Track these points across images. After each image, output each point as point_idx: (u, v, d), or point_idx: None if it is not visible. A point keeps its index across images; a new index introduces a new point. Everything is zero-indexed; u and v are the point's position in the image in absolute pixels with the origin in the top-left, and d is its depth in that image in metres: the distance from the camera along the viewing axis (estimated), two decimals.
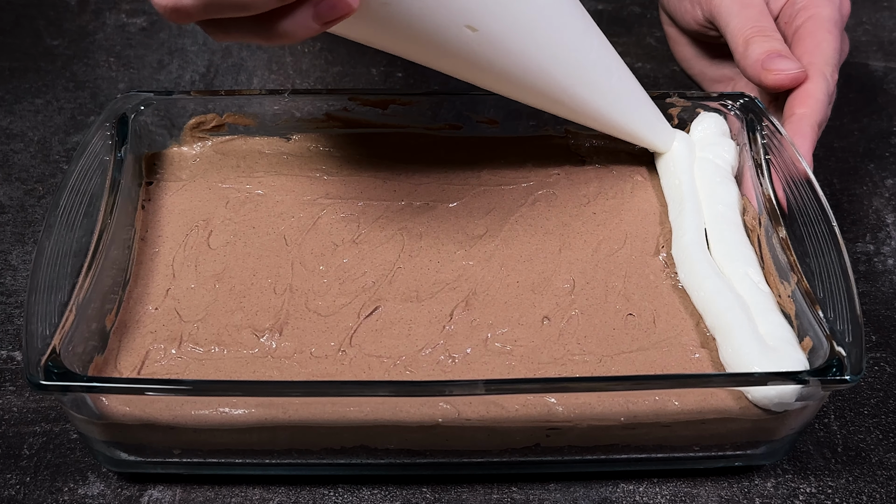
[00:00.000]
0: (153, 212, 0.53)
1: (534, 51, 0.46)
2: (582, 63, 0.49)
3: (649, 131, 0.54)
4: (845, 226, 0.61)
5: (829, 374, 0.41)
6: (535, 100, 0.50)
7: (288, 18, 0.37)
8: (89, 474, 0.47)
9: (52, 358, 0.41)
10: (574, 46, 0.48)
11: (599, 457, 0.45)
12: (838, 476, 0.47)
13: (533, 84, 0.48)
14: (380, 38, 0.43)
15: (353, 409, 0.43)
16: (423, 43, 0.43)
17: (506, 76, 0.47)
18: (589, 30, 0.50)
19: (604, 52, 0.50)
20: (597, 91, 0.50)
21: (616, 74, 0.51)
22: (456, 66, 0.46)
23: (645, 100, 0.54)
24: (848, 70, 0.72)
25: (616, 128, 0.53)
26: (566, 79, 0.48)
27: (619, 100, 0.52)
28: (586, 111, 0.51)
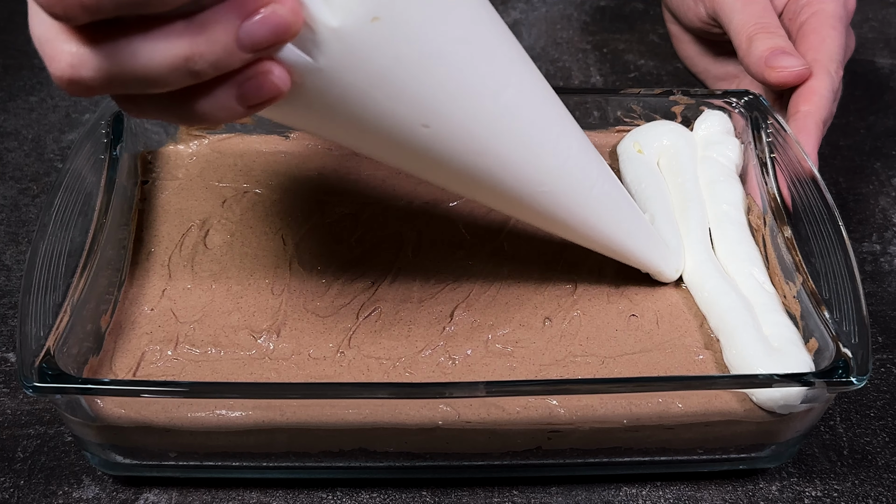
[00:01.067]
0: (149, 211, 0.53)
1: (495, 151, 0.39)
2: (555, 168, 0.42)
3: (641, 253, 0.48)
4: (851, 225, 0.61)
5: (834, 376, 0.41)
6: (500, 205, 0.44)
7: (207, 98, 0.32)
8: (84, 477, 0.47)
9: (46, 359, 0.41)
10: (546, 148, 0.41)
11: (602, 460, 0.45)
12: (844, 479, 0.47)
13: (494, 188, 0.41)
14: (316, 128, 0.38)
15: (351, 412, 0.43)
16: (368, 137, 0.37)
17: (462, 176, 0.40)
18: (567, 131, 0.43)
19: (584, 160, 0.44)
20: (575, 203, 0.44)
21: (599, 185, 0.44)
22: (407, 163, 0.40)
23: (638, 218, 0.48)
24: (854, 67, 0.72)
25: (601, 245, 0.47)
26: (534, 185, 0.41)
27: (602, 214, 0.45)
28: (562, 223, 0.44)
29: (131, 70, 0.30)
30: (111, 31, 0.30)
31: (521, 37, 0.76)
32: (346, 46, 0.32)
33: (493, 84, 0.37)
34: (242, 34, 0.30)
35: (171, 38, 0.30)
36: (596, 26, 0.78)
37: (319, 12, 0.31)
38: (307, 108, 0.35)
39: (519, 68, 0.39)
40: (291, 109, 0.35)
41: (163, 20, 0.30)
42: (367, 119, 0.35)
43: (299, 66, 0.32)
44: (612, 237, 0.46)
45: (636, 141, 0.56)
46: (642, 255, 0.48)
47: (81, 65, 0.30)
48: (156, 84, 0.31)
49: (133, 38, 0.30)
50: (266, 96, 0.32)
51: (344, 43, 0.32)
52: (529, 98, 0.40)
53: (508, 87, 0.38)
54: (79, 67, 0.31)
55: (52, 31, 0.31)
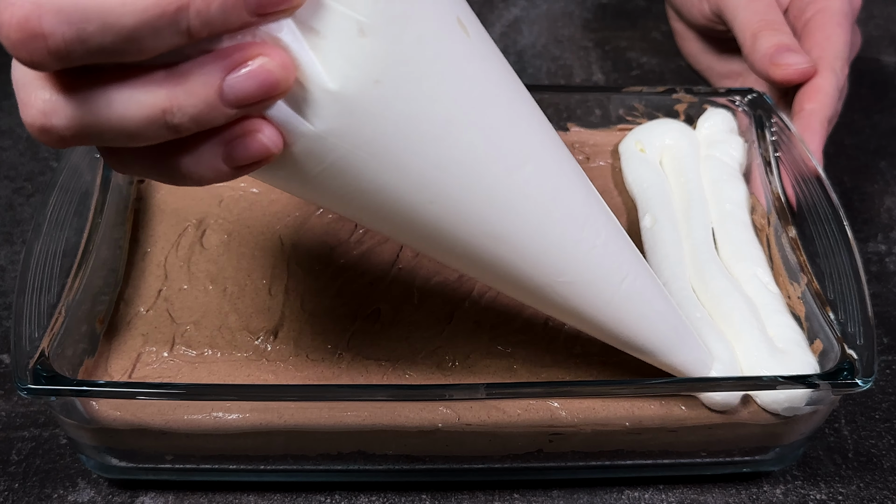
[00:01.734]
0: (145, 211, 0.53)
1: (509, 233, 0.36)
2: (578, 257, 0.38)
3: (675, 358, 0.42)
4: (857, 225, 0.61)
5: (839, 378, 0.41)
6: (513, 292, 0.39)
7: (192, 156, 0.30)
8: (79, 480, 0.47)
9: (40, 361, 0.41)
10: (570, 234, 0.37)
11: (604, 463, 0.45)
12: (849, 482, 0.47)
13: (507, 274, 0.37)
14: (314, 197, 0.35)
15: (350, 414, 0.43)
16: (367, 210, 0.34)
17: (472, 259, 0.36)
18: (595, 216, 0.38)
19: (614, 249, 0.39)
20: (600, 298, 0.39)
21: (630, 280, 0.40)
22: (411, 240, 0.36)
23: (673, 320, 0.42)
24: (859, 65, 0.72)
25: (627, 345, 0.42)
26: (552, 274, 0.37)
27: (631, 313, 0.40)
28: (583, 318, 0.40)
29: (106, 120, 0.29)
30: (87, 79, 0.28)
31: (521, 34, 0.76)
32: (344, 110, 0.30)
33: (510, 158, 0.34)
34: (227, 87, 0.28)
35: (149, 88, 0.28)
36: (598, 23, 0.78)
37: (316, 73, 0.29)
38: (302, 175, 0.32)
39: (541, 141, 0.36)
40: (285, 175, 0.32)
41: (142, 69, 0.28)
42: (367, 191, 0.33)
43: (293, 129, 0.30)
44: (641, 338, 0.41)
45: (638, 140, 0.56)
46: (675, 361, 0.42)
47: (53, 112, 0.29)
48: (132, 137, 0.29)
49: (108, 87, 0.28)
50: (255, 157, 0.30)
51: (343, 106, 0.30)
52: (551, 176, 0.36)
53: (528, 162, 0.35)
54: (50, 115, 0.29)
55: (28, 76, 0.29)
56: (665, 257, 0.49)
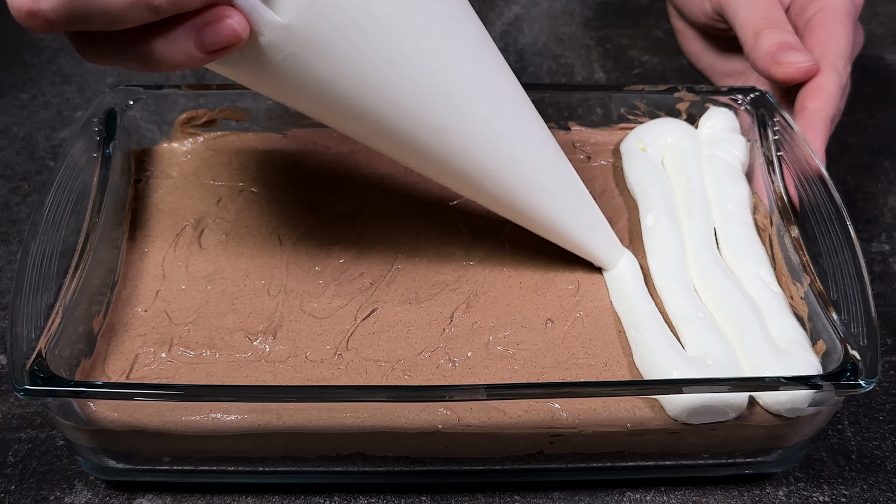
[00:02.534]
0: (142, 210, 0.53)
1: (447, 123, 0.41)
2: (507, 148, 0.44)
3: (589, 242, 0.49)
4: (860, 225, 0.61)
5: (843, 379, 0.41)
6: (449, 181, 0.45)
7: (166, 40, 0.34)
8: (76, 482, 0.47)
9: (37, 362, 0.41)
10: (501, 127, 0.43)
11: (605, 464, 0.45)
12: (853, 484, 0.47)
13: (443, 162, 0.43)
14: (272, 89, 0.40)
15: (349, 415, 0.43)
16: (324, 101, 0.39)
17: (413, 146, 0.42)
18: (523, 114, 0.44)
19: (540, 144, 0.45)
20: (526, 186, 0.45)
21: (553, 171, 0.46)
22: (363, 132, 0.42)
23: (590, 208, 0.49)
24: (862, 63, 0.72)
25: (548, 230, 0.48)
26: (486, 162, 0.43)
27: (554, 200, 0.46)
28: (510, 204, 0.46)
29: (92, 2, 0.32)
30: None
31: (522, 32, 0.77)
32: (307, 3, 0.34)
33: (451, 55, 0.40)
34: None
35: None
36: (599, 21, 0.78)
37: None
38: (264, 64, 0.36)
39: (475, 44, 0.41)
40: (249, 65, 0.36)
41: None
42: (324, 81, 0.37)
43: (259, 18, 0.34)
44: (562, 224, 0.47)
45: (640, 139, 0.56)
46: (589, 245, 0.49)
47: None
48: (115, 19, 0.32)
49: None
50: (224, 40, 0.34)
51: (312, 8, 0.34)
52: (486, 74, 0.42)
53: (465, 61, 0.40)
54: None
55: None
56: (667, 257, 0.49)
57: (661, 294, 0.48)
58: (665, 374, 0.43)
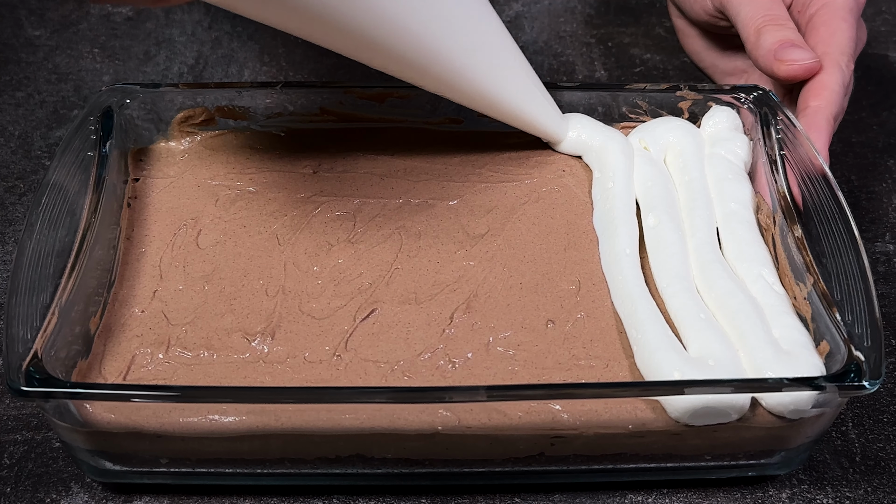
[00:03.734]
0: (139, 210, 0.53)
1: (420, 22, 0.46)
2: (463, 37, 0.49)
3: (541, 119, 0.54)
4: (864, 224, 0.61)
5: (846, 380, 0.41)
6: (407, 73, 0.49)
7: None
8: (73, 485, 0.47)
9: (33, 363, 0.41)
10: (458, 19, 0.48)
11: (606, 466, 0.45)
12: (856, 486, 0.47)
13: (404, 55, 0.47)
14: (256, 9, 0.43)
15: (348, 417, 0.43)
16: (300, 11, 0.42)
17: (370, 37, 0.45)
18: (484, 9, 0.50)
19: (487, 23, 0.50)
20: (483, 70, 0.50)
21: (501, 51, 0.52)
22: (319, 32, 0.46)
23: (534, 80, 0.54)
24: (866, 61, 0.72)
25: (504, 112, 0.53)
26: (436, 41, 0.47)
27: (503, 78, 0.52)
28: (468, 90, 0.51)
29: None
30: None
31: (523, 30, 0.77)
32: None
33: None
34: None
35: None
36: (600, 19, 0.78)
37: None
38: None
39: None
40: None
41: None
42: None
43: None
44: (513, 105, 0.53)
45: (642, 138, 0.56)
46: (541, 122, 0.54)
47: None
48: None
49: None
50: None
51: None
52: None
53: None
54: None
55: None
56: (669, 257, 0.49)
57: (662, 294, 0.48)
58: (667, 375, 0.43)
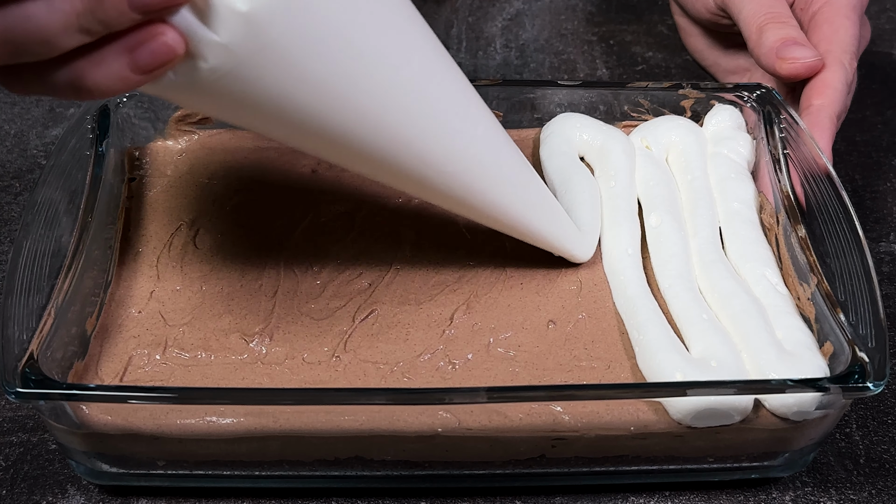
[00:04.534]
0: (136, 210, 0.53)
1: (396, 127, 0.40)
2: (460, 149, 0.43)
3: (550, 236, 0.48)
4: (868, 224, 0.61)
5: (850, 382, 0.41)
6: (403, 185, 0.44)
7: (96, 64, 0.33)
8: (69, 487, 0.47)
9: (29, 364, 0.41)
10: (452, 127, 0.42)
11: (608, 468, 0.45)
12: (860, 489, 0.47)
13: (397, 166, 0.41)
14: (217, 111, 0.39)
15: (347, 419, 0.43)
16: (265, 119, 0.38)
17: (365, 155, 0.40)
18: (473, 112, 0.43)
19: (493, 142, 0.44)
20: (481, 185, 0.44)
21: (508, 166, 0.45)
22: (304, 143, 0.41)
23: (547, 202, 0.48)
24: (871, 59, 0.72)
25: (509, 227, 0.48)
26: (439, 165, 0.42)
27: (510, 197, 0.46)
28: (467, 204, 0.45)
29: (26, 30, 0.31)
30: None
31: (524, 28, 0.77)
32: (248, 23, 0.33)
33: (396, 56, 0.38)
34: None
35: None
36: (602, 17, 0.78)
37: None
38: (202, 87, 0.35)
39: (420, 42, 0.40)
40: (186, 83, 0.35)
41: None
42: (265, 96, 0.36)
43: (196, 37, 0.33)
44: (521, 220, 0.47)
45: (644, 137, 0.56)
46: (551, 239, 0.49)
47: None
48: (49, 45, 0.31)
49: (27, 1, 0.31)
50: (159, 59, 0.32)
51: (247, 21, 0.33)
52: (433, 75, 0.41)
53: (411, 62, 0.39)
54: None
55: None
56: (671, 257, 0.49)
57: (664, 295, 0.48)
58: (669, 376, 0.43)
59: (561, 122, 0.56)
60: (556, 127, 0.56)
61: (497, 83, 0.55)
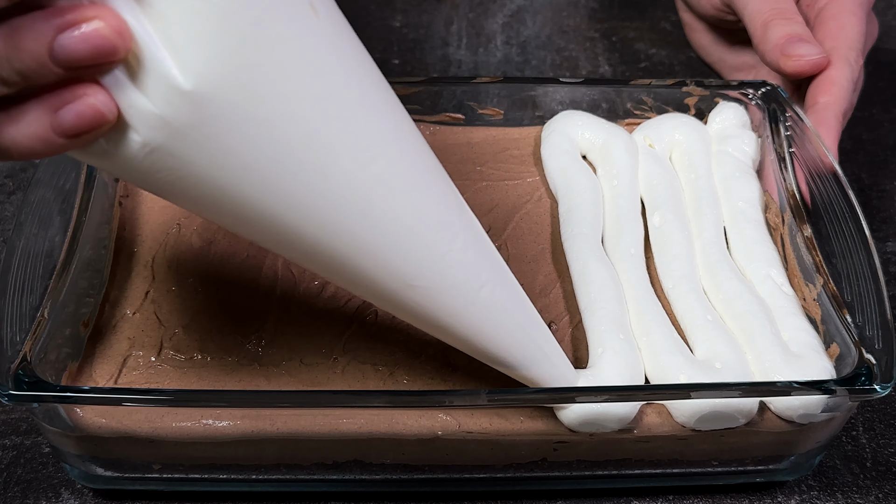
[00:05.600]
0: (131, 209, 0.53)
1: (355, 233, 0.35)
2: (432, 261, 0.37)
3: (534, 367, 0.42)
4: (875, 224, 0.61)
5: (857, 384, 0.41)
6: (363, 294, 0.39)
7: (15, 123, 0.30)
8: (63, 491, 0.47)
9: (22, 366, 0.41)
10: (423, 236, 0.36)
11: (610, 472, 0.45)
12: (867, 493, 0.47)
13: (355, 276, 0.36)
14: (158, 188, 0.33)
15: (346, 421, 0.42)
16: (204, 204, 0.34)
17: (321, 260, 0.36)
18: (452, 219, 0.38)
19: (473, 255, 0.39)
20: (454, 305, 0.38)
21: (489, 288, 0.39)
22: (260, 238, 0.36)
23: (534, 332, 0.42)
24: (878, 56, 0.72)
25: (483, 355, 0.41)
26: (404, 278, 0.36)
27: (488, 323, 0.40)
28: (435, 325, 0.39)
29: None
30: None
31: (525, 24, 0.77)
32: (186, 97, 0.30)
33: (359, 153, 0.34)
34: (56, 46, 0.28)
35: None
36: (604, 13, 0.78)
37: (165, 66, 0.29)
38: (134, 160, 0.31)
39: (394, 135, 0.35)
40: (117, 158, 0.31)
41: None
42: (203, 179, 0.32)
43: (129, 103, 0.30)
44: (501, 350, 0.41)
45: (647, 135, 0.56)
46: (536, 375, 0.42)
47: None
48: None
49: None
50: (85, 124, 0.29)
51: (186, 96, 0.30)
52: (404, 173, 0.36)
53: (378, 158, 0.34)
54: None
55: None
56: (675, 258, 0.49)
57: (668, 296, 0.48)
58: (672, 378, 0.43)
59: (562, 121, 0.56)
60: (557, 125, 0.56)
61: (498, 80, 0.55)
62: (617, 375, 0.43)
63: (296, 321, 0.47)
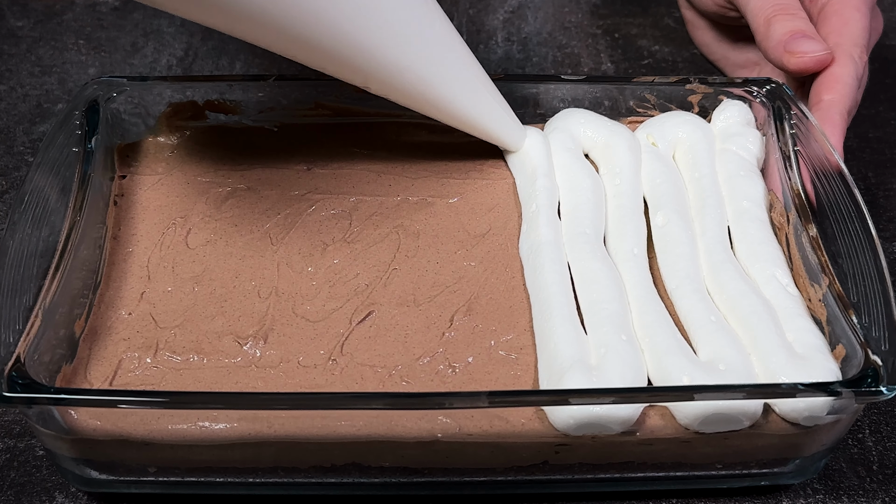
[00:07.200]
0: (126, 208, 0.53)
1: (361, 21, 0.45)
2: (413, 40, 0.49)
3: (494, 122, 0.54)
4: (881, 223, 0.61)
5: (863, 385, 0.41)
6: (353, 76, 0.49)
7: None
8: (57, 494, 0.47)
9: (16, 367, 0.41)
10: (407, 21, 0.48)
11: (613, 475, 0.45)
12: (874, 496, 0.47)
13: (351, 56, 0.47)
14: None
15: (344, 424, 0.42)
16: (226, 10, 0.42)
17: (306, 37, 0.45)
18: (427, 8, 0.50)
19: (441, 34, 0.51)
20: (432, 74, 0.50)
21: (454, 53, 0.51)
22: (261, 35, 0.45)
23: (489, 87, 0.53)
24: (883, 53, 0.72)
25: (451, 114, 0.52)
26: (383, 45, 0.47)
27: (455, 81, 0.51)
28: (417, 95, 0.51)
29: None
30: None
31: (526, 21, 0.77)
32: None
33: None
34: None
35: None
36: (607, 9, 0.78)
37: None
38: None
39: None
40: None
41: None
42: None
43: None
44: (466, 110, 0.52)
45: (650, 133, 0.56)
46: (493, 129, 0.54)
47: None
48: None
49: None
50: None
51: None
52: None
53: None
54: None
55: None
56: (678, 257, 0.49)
57: (671, 296, 0.48)
58: (676, 380, 0.43)
59: (564, 118, 0.56)
60: (559, 123, 0.56)
61: (499, 78, 0.55)
62: (620, 377, 0.43)
63: (293, 322, 0.47)
